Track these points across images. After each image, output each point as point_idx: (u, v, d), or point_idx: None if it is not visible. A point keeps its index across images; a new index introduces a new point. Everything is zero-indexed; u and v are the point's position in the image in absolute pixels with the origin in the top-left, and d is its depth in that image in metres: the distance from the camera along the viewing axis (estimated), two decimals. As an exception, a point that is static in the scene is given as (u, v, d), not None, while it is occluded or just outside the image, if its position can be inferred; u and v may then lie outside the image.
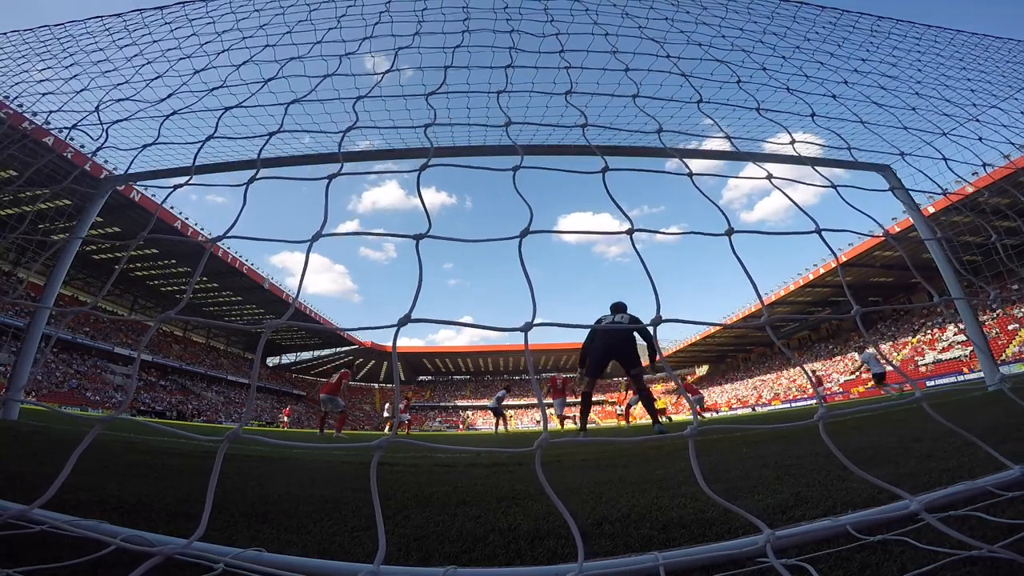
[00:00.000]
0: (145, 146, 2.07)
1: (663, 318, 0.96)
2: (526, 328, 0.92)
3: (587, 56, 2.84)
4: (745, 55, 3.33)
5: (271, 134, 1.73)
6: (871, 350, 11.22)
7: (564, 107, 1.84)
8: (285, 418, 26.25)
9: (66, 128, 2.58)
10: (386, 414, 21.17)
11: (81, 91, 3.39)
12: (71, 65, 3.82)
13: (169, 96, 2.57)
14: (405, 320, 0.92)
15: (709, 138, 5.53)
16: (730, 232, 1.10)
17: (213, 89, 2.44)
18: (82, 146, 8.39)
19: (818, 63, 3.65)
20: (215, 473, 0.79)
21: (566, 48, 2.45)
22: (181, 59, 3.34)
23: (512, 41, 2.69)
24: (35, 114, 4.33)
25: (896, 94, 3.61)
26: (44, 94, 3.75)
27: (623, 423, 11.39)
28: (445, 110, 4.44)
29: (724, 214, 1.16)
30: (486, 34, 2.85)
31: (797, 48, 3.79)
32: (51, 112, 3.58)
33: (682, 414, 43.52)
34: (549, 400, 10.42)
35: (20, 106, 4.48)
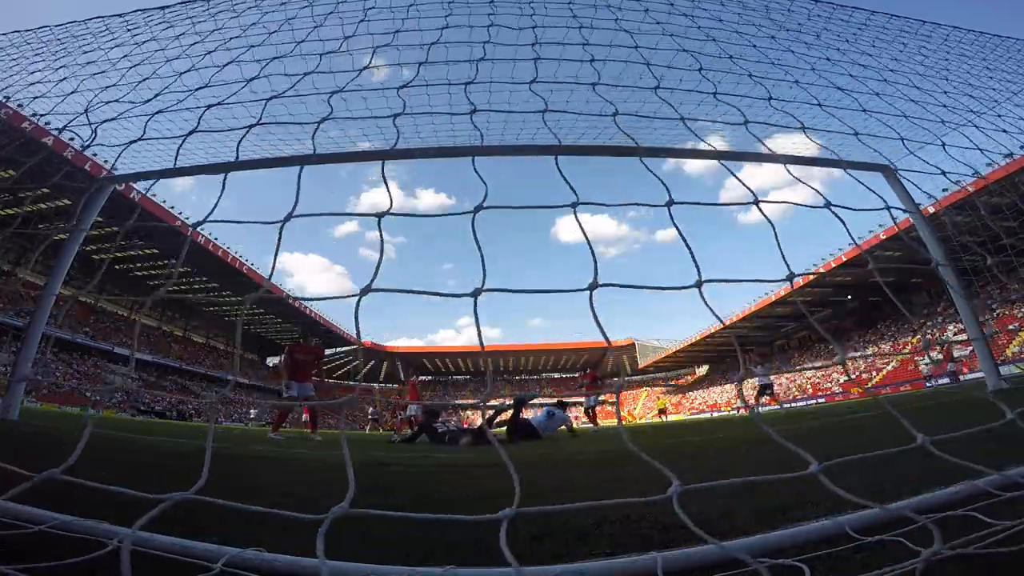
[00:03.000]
0: (131, 142, 2.12)
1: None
2: (475, 294, 0.99)
3: (581, 66, 2.83)
4: (739, 60, 3.33)
5: (252, 125, 1.74)
6: (766, 365, 14.19)
7: (562, 112, 1.84)
8: None
9: (57, 128, 2.60)
10: (370, 415, 21.04)
11: (72, 93, 3.40)
12: (60, 68, 3.83)
13: (155, 97, 2.61)
14: (367, 290, 1.04)
15: (705, 141, 5.53)
16: (700, 284, 1.12)
17: (221, 102, 2.46)
18: (71, 138, 8.37)
19: (826, 58, 3.64)
20: (209, 442, 0.79)
21: (563, 58, 2.45)
22: (168, 61, 3.38)
23: (514, 51, 2.71)
24: (35, 114, 4.33)
25: (890, 100, 3.61)
26: (35, 97, 3.76)
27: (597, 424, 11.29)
28: (446, 109, 4.44)
29: (696, 264, 1.14)
30: (477, 46, 2.86)
31: (794, 48, 3.78)
32: (43, 114, 3.59)
33: (681, 414, 43.51)
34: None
35: (20, 106, 4.47)
